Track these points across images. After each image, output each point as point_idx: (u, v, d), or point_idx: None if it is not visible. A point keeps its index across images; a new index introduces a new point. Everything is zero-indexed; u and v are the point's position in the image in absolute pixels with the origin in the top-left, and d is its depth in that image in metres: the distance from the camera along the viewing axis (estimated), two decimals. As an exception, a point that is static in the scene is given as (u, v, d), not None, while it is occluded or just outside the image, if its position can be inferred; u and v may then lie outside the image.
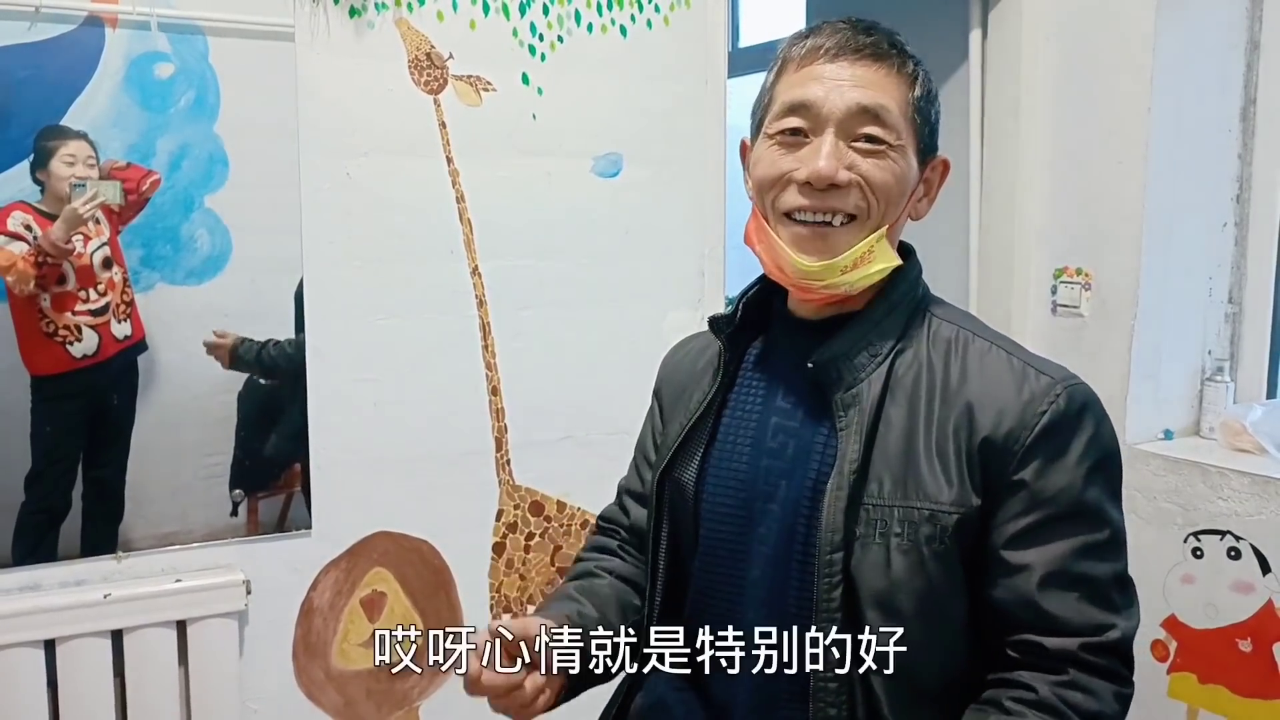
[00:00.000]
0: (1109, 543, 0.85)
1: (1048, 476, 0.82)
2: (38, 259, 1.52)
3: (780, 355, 0.94)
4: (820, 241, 0.85)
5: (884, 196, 0.85)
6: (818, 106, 0.85)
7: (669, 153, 1.92)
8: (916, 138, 0.88)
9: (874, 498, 0.83)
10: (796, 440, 0.88)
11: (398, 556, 1.82)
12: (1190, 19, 1.85)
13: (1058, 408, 0.83)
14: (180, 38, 1.57)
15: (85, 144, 1.53)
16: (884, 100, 0.85)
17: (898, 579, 0.82)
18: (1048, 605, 0.81)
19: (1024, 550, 0.82)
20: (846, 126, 0.85)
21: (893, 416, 0.85)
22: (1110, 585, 0.84)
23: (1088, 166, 1.95)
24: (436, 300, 1.79)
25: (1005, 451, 0.82)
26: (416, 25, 1.73)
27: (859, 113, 0.85)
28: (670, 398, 1.03)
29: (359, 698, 1.81)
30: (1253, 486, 1.73)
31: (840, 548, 0.82)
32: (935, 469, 0.83)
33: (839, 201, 0.85)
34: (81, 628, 1.54)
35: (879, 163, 0.85)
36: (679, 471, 0.95)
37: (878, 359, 0.87)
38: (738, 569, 0.90)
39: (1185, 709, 1.84)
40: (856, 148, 0.85)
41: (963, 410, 0.84)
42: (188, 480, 1.65)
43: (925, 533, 0.82)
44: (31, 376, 1.53)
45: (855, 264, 0.85)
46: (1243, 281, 1.98)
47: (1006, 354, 0.87)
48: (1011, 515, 0.83)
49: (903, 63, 0.88)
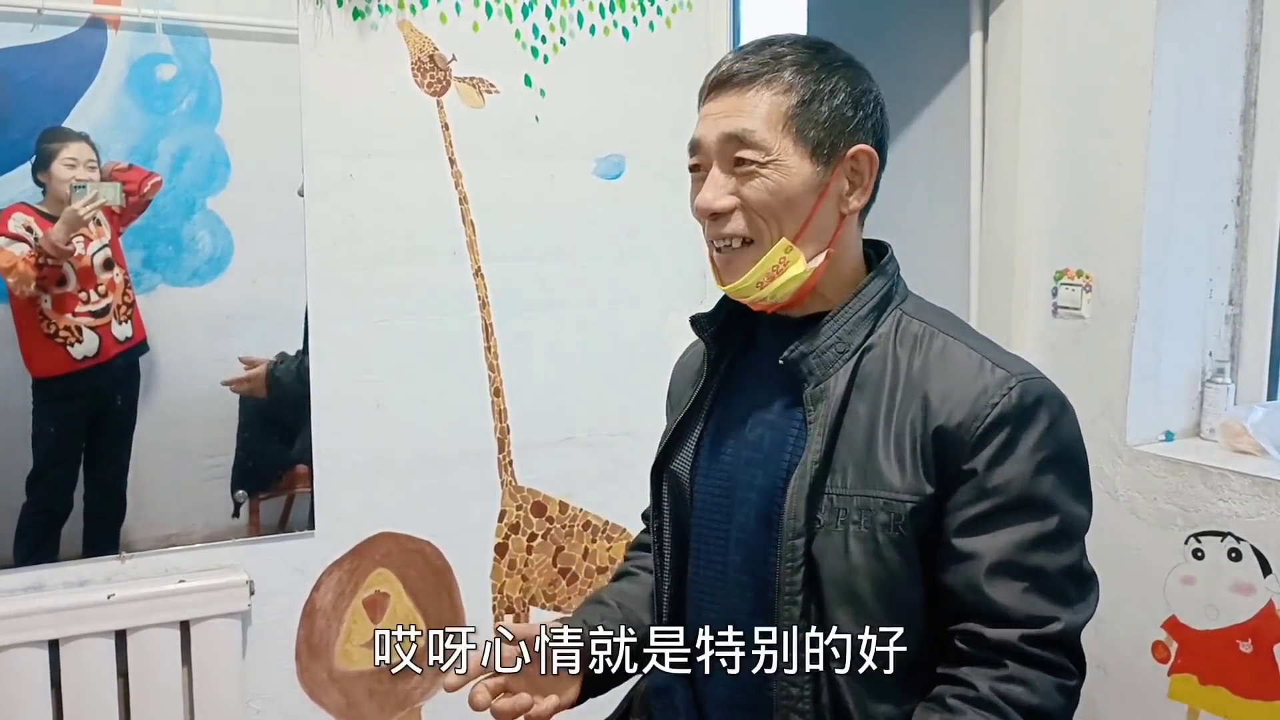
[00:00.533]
0: (1059, 534, 0.86)
1: (998, 467, 0.84)
2: (38, 260, 1.52)
3: (763, 351, 0.97)
4: (729, 265, 0.92)
5: (766, 212, 0.89)
6: (703, 144, 0.91)
7: (671, 154, 1.92)
8: (802, 143, 0.89)
9: (837, 488, 0.87)
10: (772, 432, 0.92)
11: (400, 557, 1.82)
12: (1190, 21, 1.86)
13: (1009, 400, 0.85)
14: (182, 39, 1.57)
15: (87, 146, 1.53)
16: (744, 123, 0.88)
17: (856, 564, 0.86)
18: (993, 594, 0.83)
19: (973, 538, 0.85)
20: (724, 156, 0.90)
21: (859, 410, 0.89)
22: (1061, 577, 0.85)
23: (1088, 168, 1.96)
24: (439, 301, 1.80)
25: (957, 441, 0.85)
26: (419, 27, 1.73)
27: (726, 141, 0.89)
28: (674, 399, 1.08)
29: (361, 698, 1.81)
30: (1253, 488, 1.74)
31: (802, 533, 0.86)
32: (891, 459, 0.86)
33: (727, 227, 0.90)
34: (85, 628, 1.55)
35: (752, 183, 0.89)
36: (673, 466, 0.99)
37: (845, 355, 0.90)
38: (723, 556, 0.94)
39: (1186, 710, 1.84)
40: (736, 173, 0.89)
41: (920, 401, 0.87)
42: (190, 481, 1.65)
43: (881, 520, 0.85)
44: (33, 378, 1.54)
45: (770, 277, 0.90)
46: (1243, 283, 1.98)
47: (967, 348, 0.90)
48: (962, 503, 0.85)
49: (774, 77, 0.89)
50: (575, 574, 1.98)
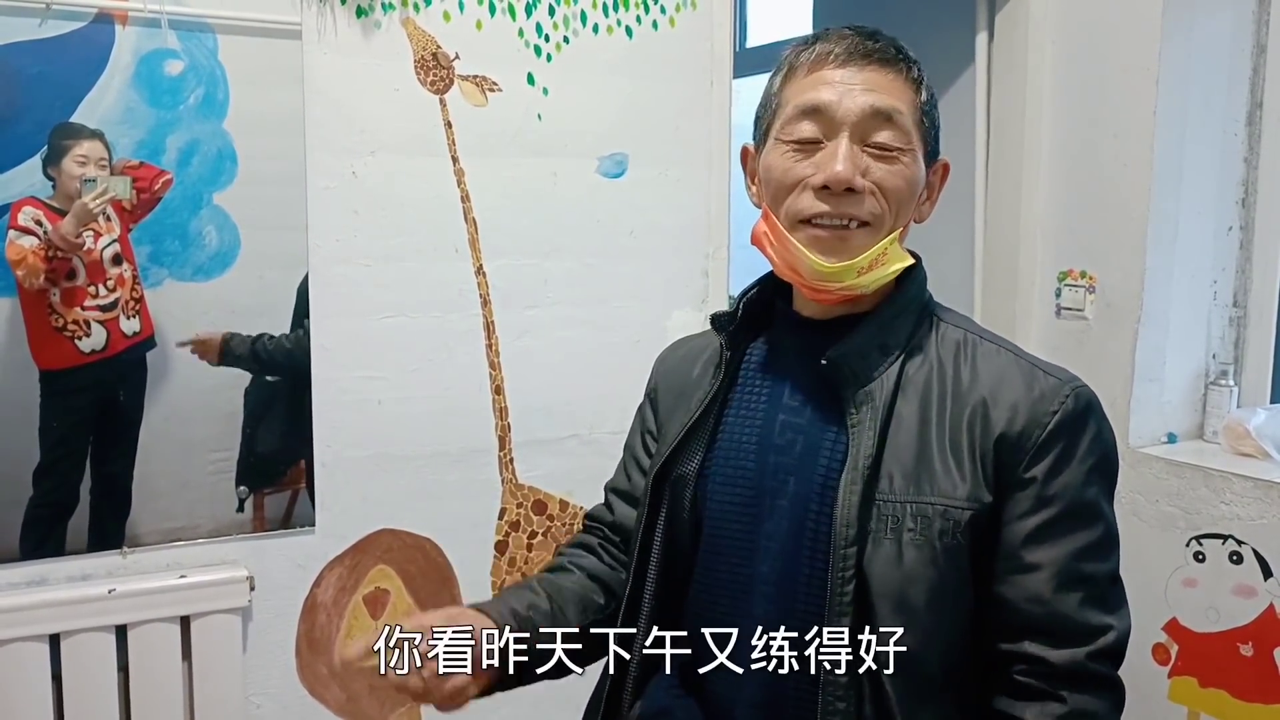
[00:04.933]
0: (1104, 541, 0.86)
1: (1057, 476, 0.84)
2: (48, 253, 1.53)
3: (785, 354, 0.94)
4: (838, 244, 0.86)
5: (897, 202, 0.87)
6: (831, 110, 0.86)
7: (674, 153, 1.93)
8: (924, 142, 0.89)
9: (885, 494, 0.84)
10: (805, 437, 0.89)
11: (401, 554, 1.83)
12: (1196, 22, 1.85)
13: (1068, 407, 0.85)
14: (190, 35, 1.58)
15: (99, 144, 1.54)
16: (896, 103, 0.86)
17: (910, 573, 0.83)
18: (1057, 606, 0.83)
19: (1034, 548, 0.84)
20: (861, 130, 0.85)
21: (904, 414, 0.86)
22: (1108, 583, 0.86)
23: (1093, 169, 1.95)
24: (441, 299, 1.80)
25: (1018, 448, 0.84)
26: (423, 25, 1.74)
27: (873, 115, 0.85)
28: (668, 398, 1.03)
29: (361, 694, 1.82)
30: (1255, 490, 1.73)
31: (854, 542, 0.83)
32: (949, 465, 0.84)
33: (854, 208, 0.86)
34: (86, 622, 1.55)
35: (892, 168, 0.86)
36: (681, 469, 0.95)
37: (889, 358, 0.88)
38: (745, 565, 0.90)
39: (1186, 713, 1.84)
40: (870, 153, 0.86)
41: (976, 407, 0.86)
42: (195, 476, 1.65)
43: (938, 528, 0.83)
44: (40, 371, 1.54)
45: (871, 265, 0.87)
46: (1247, 285, 1.97)
47: (1014, 355, 0.89)
48: (1021, 512, 0.84)
49: (909, 68, 0.89)
50: (576, 572, 1.98)
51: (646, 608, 0.94)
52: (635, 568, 0.96)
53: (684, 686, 0.93)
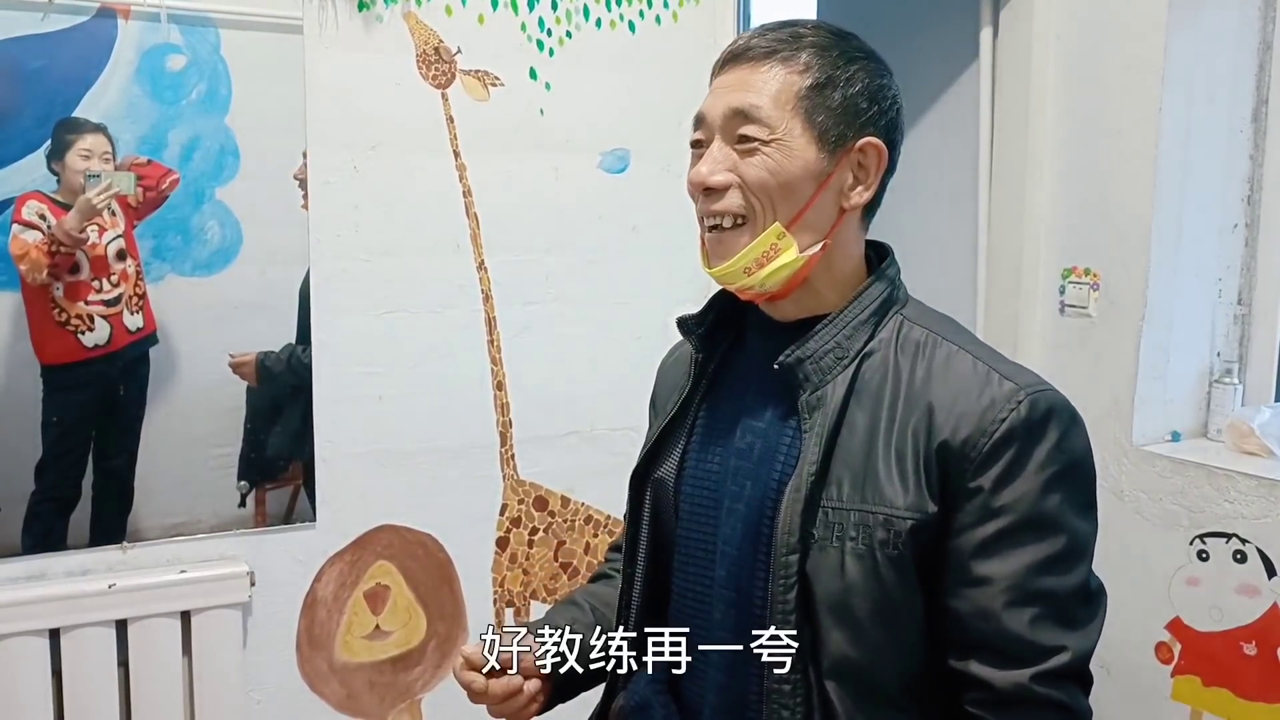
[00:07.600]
0: (1067, 555, 0.81)
1: (1006, 486, 0.80)
2: (51, 248, 1.53)
3: (753, 356, 0.94)
4: (718, 246, 0.87)
5: (763, 193, 0.85)
6: (707, 116, 0.88)
7: (676, 149, 1.91)
8: (810, 126, 0.85)
9: (833, 500, 0.82)
10: (763, 440, 0.88)
11: (402, 550, 1.83)
12: (1202, 18, 1.84)
13: (1018, 415, 0.81)
14: (192, 30, 1.58)
15: (103, 138, 1.54)
16: (752, 99, 0.85)
17: (852, 583, 0.81)
18: (1005, 622, 0.79)
19: (984, 561, 0.80)
20: (727, 131, 0.86)
21: (857, 420, 0.84)
22: (1069, 600, 0.81)
23: (1097, 166, 1.94)
24: (442, 294, 1.80)
25: (962, 457, 0.81)
26: (425, 19, 1.73)
27: (731, 115, 0.86)
28: (659, 402, 1.04)
29: (362, 690, 1.82)
30: (1259, 489, 1.72)
31: (796, 549, 0.82)
32: (893, 473, 0.82)
33: (720, 204, 0.86)
34: (86, 617, 1.56)
35: (752, 160, 0.85)
36: (659, 471, 0.95)
37: (844, 361, 0.86)
38: (708, 569, 0.90)
39: (1189, 712, 1.83)
40: (737, 150, 0.86)
41: (923, 413, 0.83)
42: (196, 471, 1.66)
43: (879, 537, 0.81)
44: (42, 365, 1.55)
45: (759, 264, 0.85)
46: (1252, 283, 1.97)
47: (972, 358, 0.85)
48: (970, 524, 0.81)
49: (791, 55, 0.86)
50: (577, 568, 1.98)
51: (635, 607, 0.95)
52: (625, 569, 0.98)
53: (664, 683, 0.94)
